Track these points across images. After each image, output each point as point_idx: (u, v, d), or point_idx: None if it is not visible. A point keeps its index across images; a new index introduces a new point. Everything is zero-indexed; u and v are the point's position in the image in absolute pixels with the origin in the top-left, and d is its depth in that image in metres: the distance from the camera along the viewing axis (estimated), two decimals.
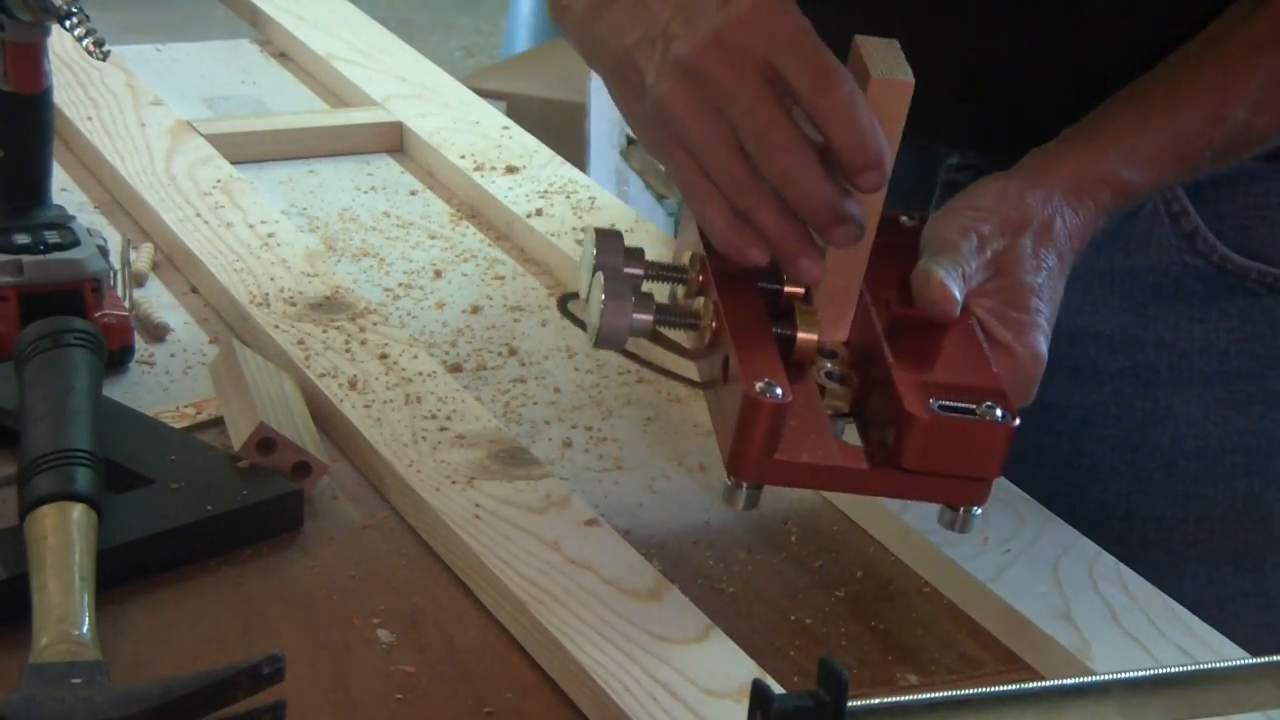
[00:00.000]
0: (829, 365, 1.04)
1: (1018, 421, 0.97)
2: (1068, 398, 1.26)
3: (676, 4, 1.03)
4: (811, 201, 1.00)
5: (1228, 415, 1.26)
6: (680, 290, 1.10)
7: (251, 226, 1.45)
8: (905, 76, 1.01)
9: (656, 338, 1.07)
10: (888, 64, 1.02)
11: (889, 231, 1.06)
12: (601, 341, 1.06)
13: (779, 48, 1.00)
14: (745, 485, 0.99)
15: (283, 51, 1.92)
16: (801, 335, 1.03)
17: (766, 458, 0.98)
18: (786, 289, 1.06)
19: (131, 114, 1.66)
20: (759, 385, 0.96)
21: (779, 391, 0.96)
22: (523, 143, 1.66)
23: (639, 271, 1.09)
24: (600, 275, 1.06)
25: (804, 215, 1.01)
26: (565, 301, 1.11)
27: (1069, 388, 1.26)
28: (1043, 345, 1.05)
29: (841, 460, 0.99)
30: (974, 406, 0.97)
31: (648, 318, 1.05)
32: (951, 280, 1.03)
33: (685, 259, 1.10)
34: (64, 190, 1.53)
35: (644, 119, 1.04)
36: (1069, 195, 1.08)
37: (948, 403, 0.97)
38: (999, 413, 0.97)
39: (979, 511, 1.00)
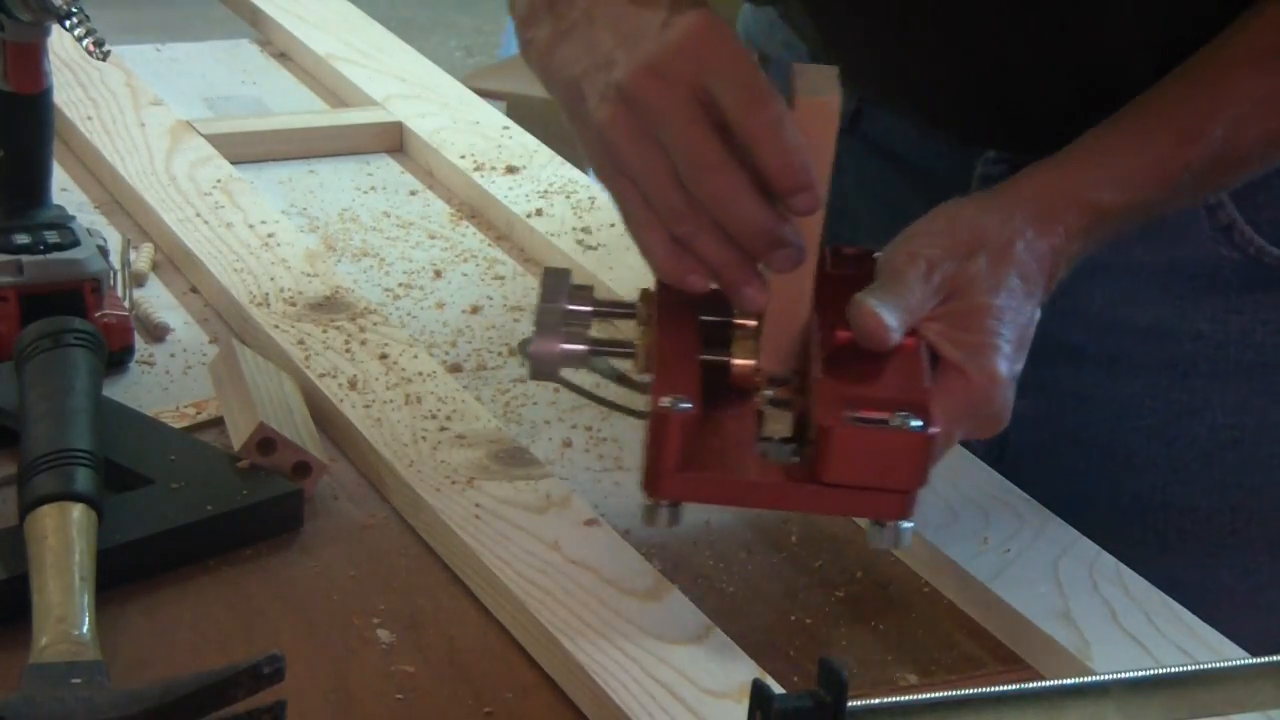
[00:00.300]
0: (772, 392, 1.04)
1: (934, 430, 0.96)
2: (1105, 389, 1.26)
3: (621, 33, 1.04)
4: (745, 225, 1.01)
5: (1265, 406, 1.26)
6: (634, 325, 1.10)
7: (251, 226, 1.45)
8: (831, 95, 1.01)
9: (604, 370, 1.08)
10: (817, 86, 1.02)
11: (853, 261, 1.07)
12: (534, 373, 1.07)
13: (712, 71, 1.01)
14: (664, 503, 0.99)
15: (283, 51, 1.92)
16: (736, 361, 1.04)
17: (680, 473, 0.98)
18: (736, 320, 1.06)
19: (131, 114, 1.66)
20: (665, 400, 0.97)
21: (686, 405, 0.97)
22: (523, 143, 1.66)
23: (586, 308, 1.09)
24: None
25: (741, 240, 1.01)
26: (524, 344, 1.10)
27: (1106, 379, 1.26)
28: (999, 364, 1.03)
29: (758, 475, 0.98)
30: (889, 416, 0.96)
31: (580, 348, 1.07)
32: (885, 308, 1.01)
33: (637, 294, 1.10)
34: (64, 190, 1.53)
35: (588, 147, 1.06)
36: (1033, 217, 1.07)
37: (863, 414, 0.96)
38: (914, 422, 0.96)
39: (909, 525, 0.98)
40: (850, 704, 0.77)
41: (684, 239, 1.02)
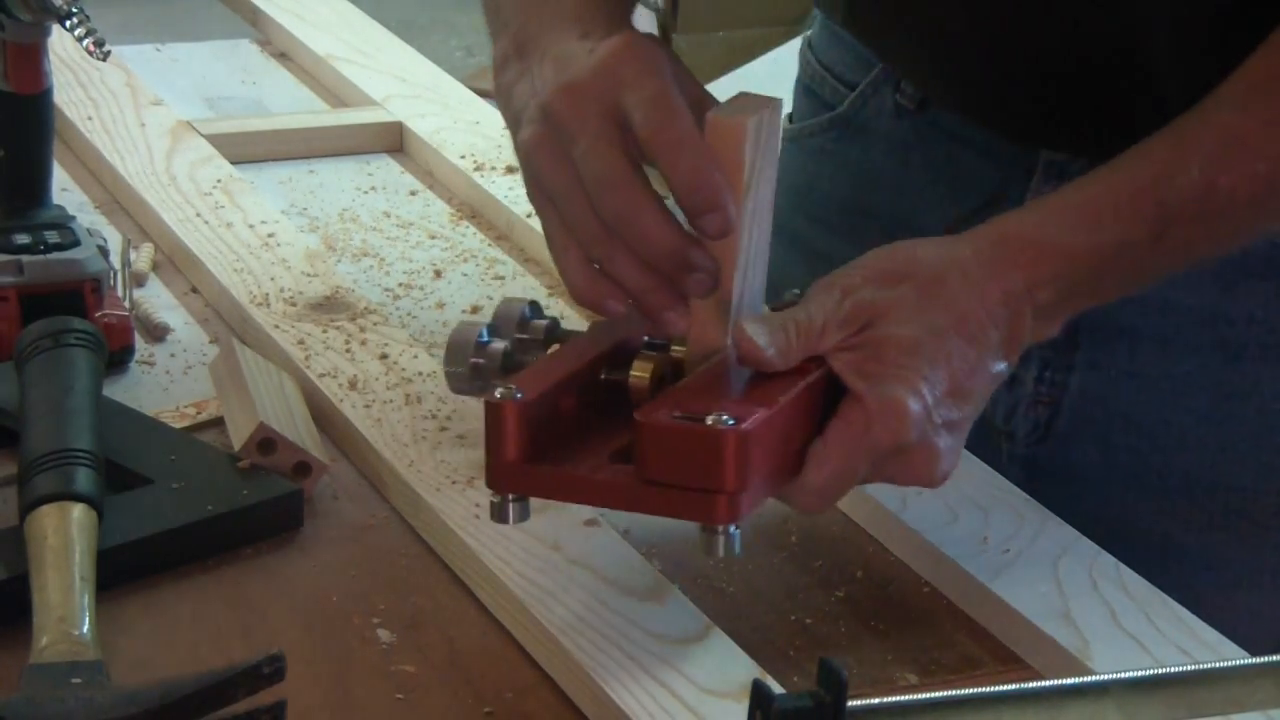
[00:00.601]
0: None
1: (747, 426, 0.93)
2: (1157, 369, 1.25)
3: (555, 58, 1.05)
4: (651, 245, 1.00)
5: None
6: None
7: (251, 226, 1.45)
8: (742, 117, 0.99)
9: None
10: (742, 109, 1.01)
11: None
12: (451, 384, 1.07)
13: (626, 88, 1.00)
14: (510, 498, 0.98)
15: (283, 51, 1.92)
16: (633, 375, 1.02)
17: (515, 465, 0.97)
18: (672, 350, 1.04)
19: (131, 114, 1.66)
20: (499, 390, 0.97)
21: (519, 395, 0.96)
22: None
23: (501, 344, 1.08)
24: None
25: (651, 262, 1.00)
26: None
27: (1158, 358, 1.25)
28: (900, 394, 0.99)
29: (591, 471, 0.97)
30: (706, 415, 0.94)
31: (493, 359, 1.06)
32: (761, 329, 0.99)
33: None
34: (64, 190, 1.53)
35: (522, 171, 1.06)
36: (987, 257, 1.03)
37: (684, 413, 0.95)
38: (728, 419, 0.94)
39: (736, 532, 0.96)
40: (850, 704, 0.77)
41: (600, 261, 1.02)
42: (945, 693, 0.80)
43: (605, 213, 1.00)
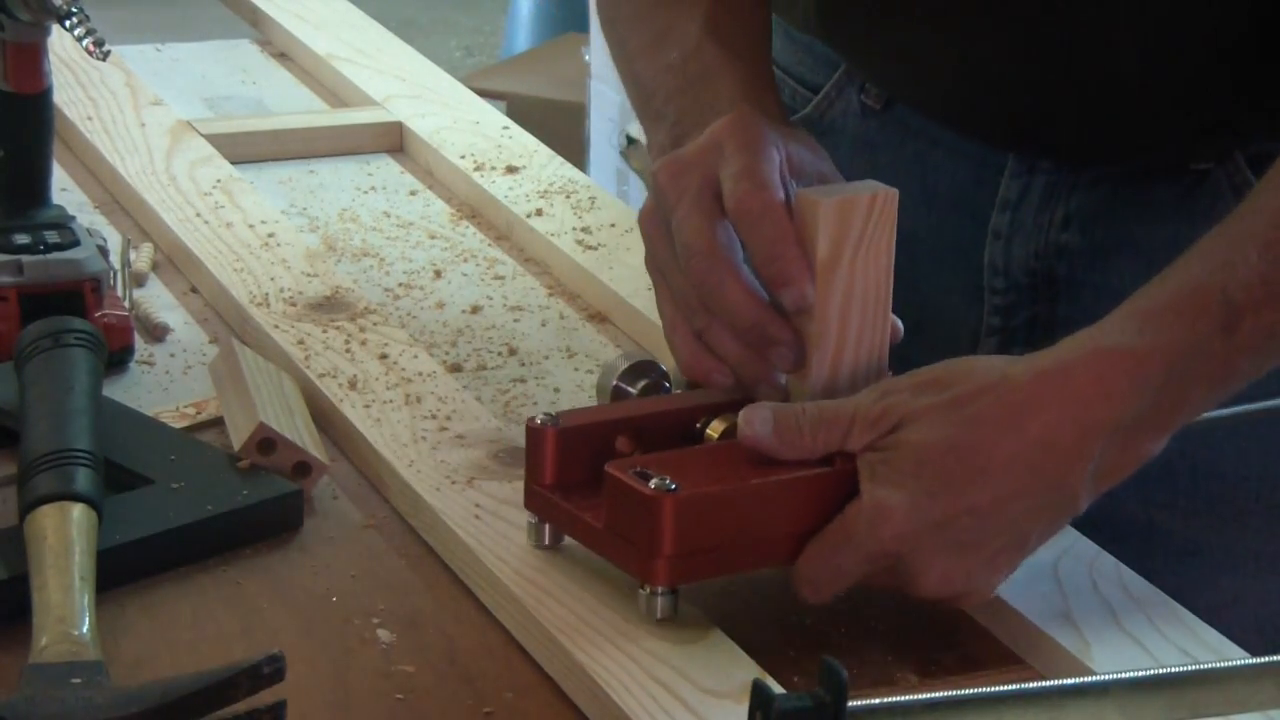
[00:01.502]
0: None
1: (684, 495, 0.95)
2: None
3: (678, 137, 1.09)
4: (735, 317, 1.02)
5: None
6: None
7: (251, 226, 1.45)
8: (832, 199, 1.02)
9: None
10: (839, 190, 1.04)
11: None
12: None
13: (724, 161, 1.03)
14: (546, 522, 1.04)
15: (283, 51, 1.92)
16: (708, 430, 1.04)
17: (548, 489, 1.03)
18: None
19: (131, 114, 1.66)
20: (540, 417, 1.02)
21: (558, 420, 1.02)
22: (523, 143, 1.66)
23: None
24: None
25: (736, 333, 1.02)
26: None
27: None
28: (893, 499, 0.97)
29: (579, 509, 1.01)
30: (657, 476, 0.96)
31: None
32: (766, 419, 0.99)
33: None
34: (64, 190, 1.53)
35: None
36: (1035, 378, 0.99)
37: (640, 470, 0.97)
38: (670, 485, 0.96)
39: (664, 595, 0.98)
40: (850, 704, 0.77)
41: (700, 333, 1.04)
42: (945, 693, 0.80)
43: (693, 281, 1.02)
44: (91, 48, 1.19)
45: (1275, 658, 0.85)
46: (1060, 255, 1.25)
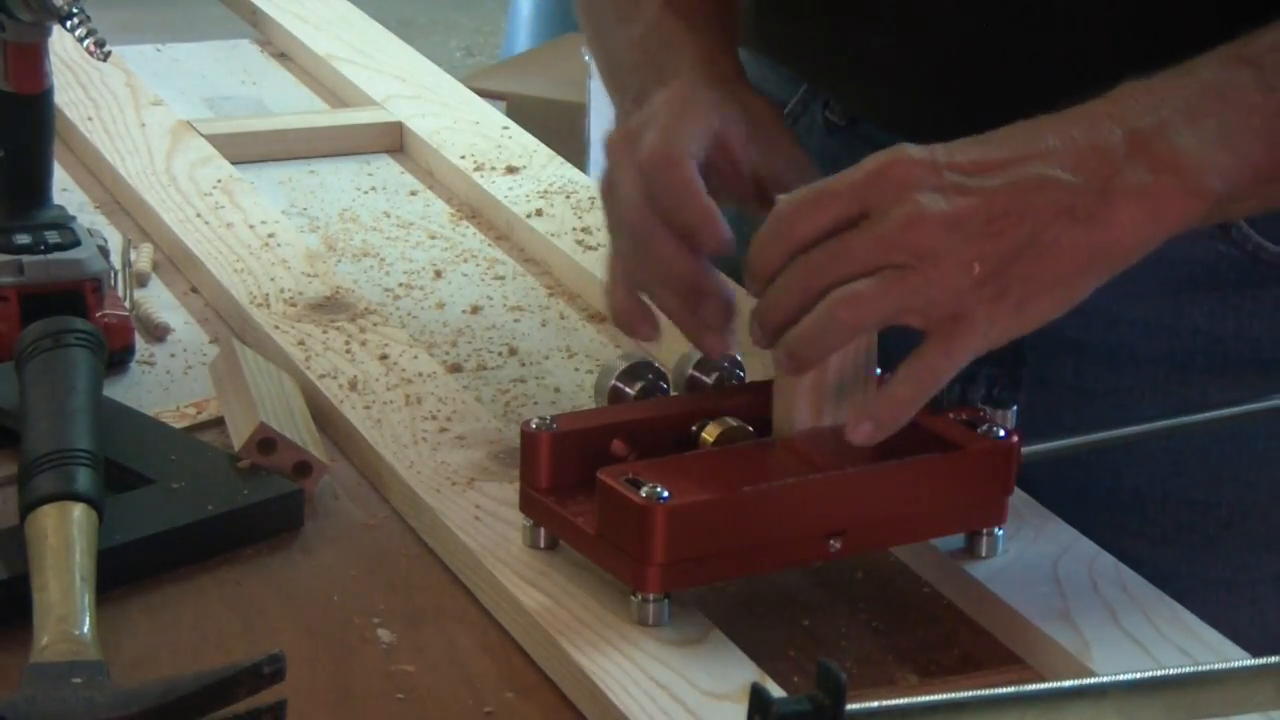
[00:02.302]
0: None
1: (675, 503, 0.95)
2: (1105, 382, 1.25)
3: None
4: (664, 268, 1.06)
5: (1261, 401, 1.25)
6: None
7: (252, 227, 1.45)
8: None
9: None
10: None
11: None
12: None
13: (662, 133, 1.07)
14: (541, 525, 1.05)
15: (283, 51, 1.93)
16: (702, 434, 1.05)
17: (537, 492, 1.03)
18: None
19: (131, 114, 1.66)
20: (534, 421, 1.03)
21: (553, 424, 1.02)
22: (523, 143, 1.66)
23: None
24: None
25: (670, 287, 1.06)
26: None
27: (1106, 372, 1.25)
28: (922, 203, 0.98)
29: (568, 513, 1.02)
30: (648, 484, 0.97)
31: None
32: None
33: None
34: (64, 190, 1.54)
35: None
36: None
37: (632, 478, 0.98)
38: (663, 494, 0.96)
39: (655, 601, 0.98)
40: (849, 707, 0.77)
41: (640, 288, 1.08)
42: (944, 695, 0.80)
43: (630, 238, 1.06)
44: (92, 48, 1.19)
45: (1275, 659, 0.85)
46: None
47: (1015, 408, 1.07)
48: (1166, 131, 1.00)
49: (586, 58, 3.64)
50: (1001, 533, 1.08)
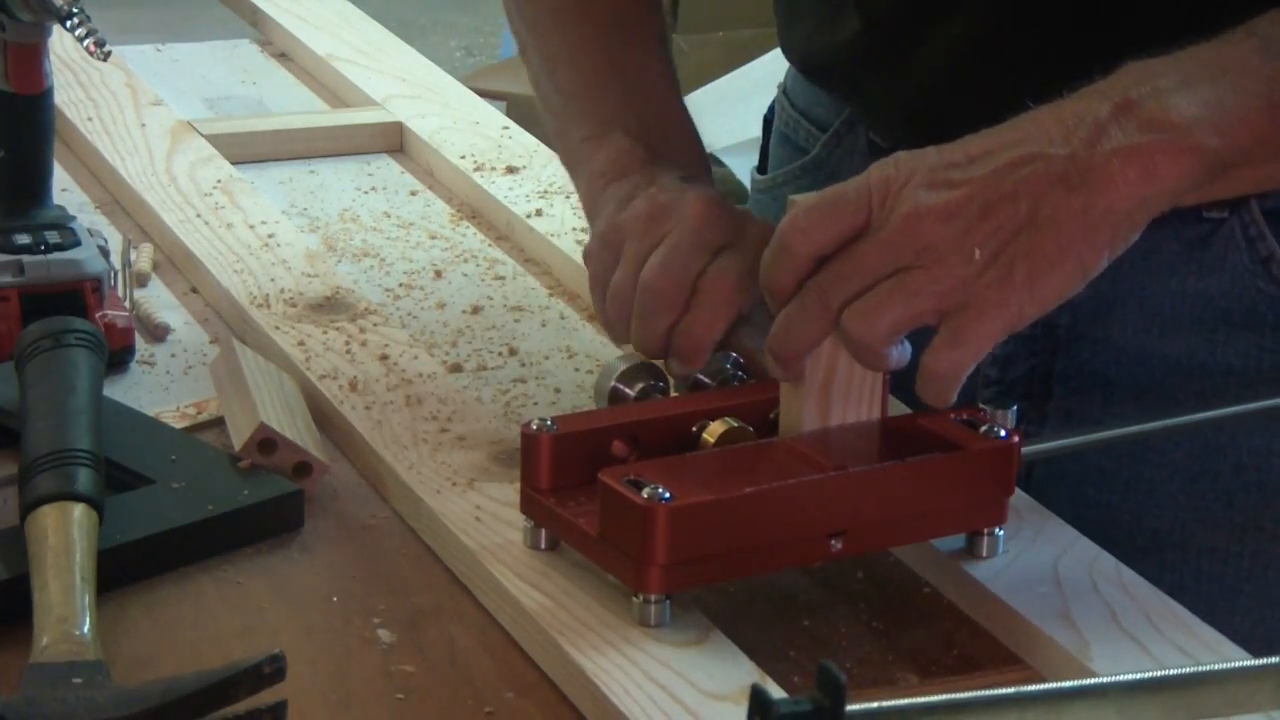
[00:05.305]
0: None
1: (677, 504, 0.96)
2: (1132, 421, 1.20)
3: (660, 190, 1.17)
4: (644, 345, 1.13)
5: None
6: None
7: (252, 227, 1.45)
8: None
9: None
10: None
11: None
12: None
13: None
14: (542, 526, 1.05)
15: (283, 51, 1.93)
16: (704, 435, 1.06)
17: (538, 493, 1.04)
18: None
19: (131, 114, 1.66)
20: (534, 422, 1.03)
21: (553, 426, 1.03)
22: (523, 143, 1.66)
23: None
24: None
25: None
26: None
27: (1134, 411, 1.22)
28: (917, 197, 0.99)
29: (569, 514, 1.02)
30: (650, 485, 0.97)
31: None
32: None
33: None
34: (64, 190, 1.54)
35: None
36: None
37: (634, 479, 0.98)
38: (664, 494, 0.96)
39: (656, 602, 0.98)
40: (849, 708, 0.77)
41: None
42: (944, 696, 0.80)
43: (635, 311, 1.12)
44: (92, 48, 1.19)
45: (1275, 659, 0.85)
46: (1063, 306, 1.19)
47: (1015, 408, 1.07)
48: (1158, 95, 0.99)
49: None
50: (1001, 533, 1.07)
